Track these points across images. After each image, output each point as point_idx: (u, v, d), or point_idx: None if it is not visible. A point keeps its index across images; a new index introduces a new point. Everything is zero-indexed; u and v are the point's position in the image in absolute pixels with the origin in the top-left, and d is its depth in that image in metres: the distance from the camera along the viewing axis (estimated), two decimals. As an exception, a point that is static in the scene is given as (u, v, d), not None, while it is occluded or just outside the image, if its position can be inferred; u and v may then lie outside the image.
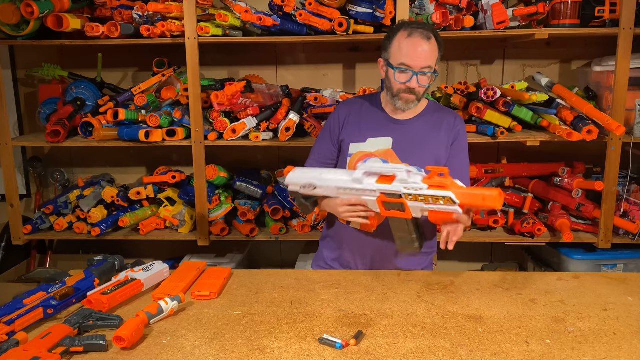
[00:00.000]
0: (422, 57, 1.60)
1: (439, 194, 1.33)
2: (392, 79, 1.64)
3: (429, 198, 1.35)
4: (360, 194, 1.47)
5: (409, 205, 1.39)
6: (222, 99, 2.37)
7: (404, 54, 1.60)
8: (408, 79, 1.61)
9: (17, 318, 1.28)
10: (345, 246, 1.80)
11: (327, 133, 1.81)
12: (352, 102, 1.84)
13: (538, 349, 1.21)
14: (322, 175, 1.55)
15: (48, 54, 2.90)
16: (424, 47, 1.60)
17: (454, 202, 1.31)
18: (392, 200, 1.41)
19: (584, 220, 2.60)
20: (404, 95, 1.65)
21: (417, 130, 1.72)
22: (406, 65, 1.60)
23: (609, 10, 2.35)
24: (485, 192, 1.29)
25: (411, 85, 1.62)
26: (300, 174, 1.59)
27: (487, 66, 2.85)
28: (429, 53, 1.60)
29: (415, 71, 1.60)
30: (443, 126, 1.72)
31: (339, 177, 1.51)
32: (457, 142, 1.73)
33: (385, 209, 1.44)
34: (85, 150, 3.00)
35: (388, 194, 1.41)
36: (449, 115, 1.76)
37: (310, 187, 1.55)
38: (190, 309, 1.42)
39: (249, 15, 2.34)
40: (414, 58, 1.60)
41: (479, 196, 1.29)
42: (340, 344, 1.21)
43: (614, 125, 2.24)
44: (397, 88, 1.65)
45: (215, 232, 2.63)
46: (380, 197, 1.43)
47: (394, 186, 1.39)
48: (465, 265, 3.10)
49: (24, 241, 2.73)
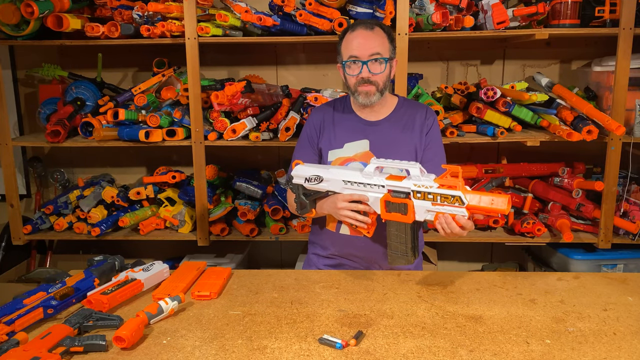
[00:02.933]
0: (367, 45, 1.63)
1: (448, 193, 1.33)
2: (346, 75, 1.67)
3: (437, 196, 1.35)
4: (367, 190, 1.47)
5: (415, 205, 1.38)
6: (222, 99, 2.37)
7: (351, 47, 1.65)
8: (359, 70, 1.64)
9: (17, 318, 1.27)
10: (334, 250, 1.80)
11: (305, 142, 1.81)
12: (324, 108, 1.84)
13: (538, 349, 1.21)
14: (329, 169, 1.56)
15: (48, 54, 2.90)
16: (367, 35, 1.64)
17: (462, 202, 1.31)
18: (396, 201, 1.41)
19: (584, 220, 2.60)
20: (361, 88, 1.66)
21: (391, 130, 1.73)
22: (354, 56, 1.64)
23: (609, 10, 2.35)
24: (494, 196, 1.29)
25: (363, 75, 1.64)
26: (307, 167, 1.60)
27: (487, 66, 2.85)
28: (373, 40, 1.64)
29: (363, 60, 1.63)
30: (416, 122, 1.74)
31: (348, 171, 1.52)
32: (430, 133, 1.74)
33: (387, 210, 1.43)
34: (85, 150, 3.00)
35: (393, 194, 1.41)
36: (420, 110, 1.77)
37: (316, 180, 1.56)
38: (190, 309, 1.42)
39: (249, 16, 2.34)
40: (359, 47, 1.63)
41: (487, 199, 1.29)
42: (340, 344, 1.21)
43: (614, 125, 2.24)
44: (353, 82, 1.67)
45: (215, 232, 2.63)
46: (386, 196, 1.43)
47: (404, 183, 1.40)
48: (465, 265, 3.10)
49: (24, 241, 2.73)
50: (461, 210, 1.33)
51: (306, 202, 1.63)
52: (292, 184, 1.63)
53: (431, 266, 2.66)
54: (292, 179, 1.63)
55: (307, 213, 1.63)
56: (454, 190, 1.33)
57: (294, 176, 1.62)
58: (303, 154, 1.80)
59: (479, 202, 1.30)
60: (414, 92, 2.56)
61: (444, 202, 1.34)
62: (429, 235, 2.59)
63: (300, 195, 1.63)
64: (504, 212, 1.28)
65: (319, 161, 1.80)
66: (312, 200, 1.64)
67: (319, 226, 1.82)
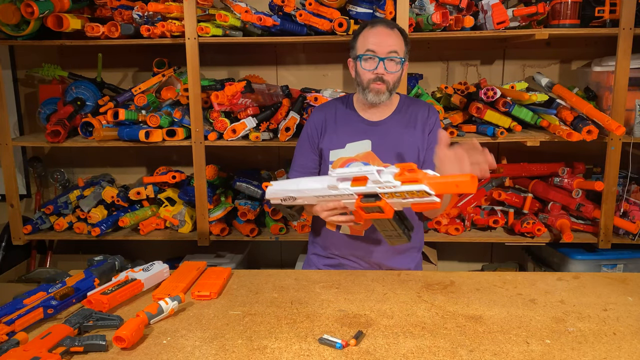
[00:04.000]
0: (387, 42, 1.63)
1: (413, 188, 1.30)
2: (360, 69, 1.67)
3: (405, 194, 1.34)
4: (339, 199, 1.45)
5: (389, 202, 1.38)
6: (222, 99, 2.37)
7: (369, 42, 1.64)
8: (375, 65, 1.64)
9: (17, 318, 1.27)
10: (334, 250, 1.80)
11: (306, 142, 1.80)
12: (325, 107, 1.83)
13: (538, 349, 1.21)
14: (299, 186, 1.52)
15: (48, 54, 2.90)
16: (388, 33, 1.64)
17: (429, 193, 1.31)
18: (369, 205, 1.39)
19: (584, 220, 2.60)
20: (374, 86, 1.66)
21: (394, 130, 1.72)
22: (372, 50, 1.63)
23: (609, 10, 2.35)
24: (457, 179, 1.25)
25: (379, 71, 1.63)
26: (278, 187, 1.56)
27: (487, 66, 2.85)
28: (393, 38, 1.64)
29: (381, 57, 1.63)
30: (418, 121, 1.74)
31: (315, 186, 1.48)
32: (433, 133, 1.74)
33: (365, 212, 1.43)
34: (85, 150, 3.00)
35: (364, 199, 1.39)
36: (422, 108, 1.77)
37: (290, 199, 1.54)
38: (190, 309, 1.42)
39: (249, 16, 2.34)
40: (379, 43, 1.63)
41: (451, 184, 1.26)
42: (340, 344, 1.21)
43: (614, 125, 2.24)
44: (367, 78, 1.66)
45: (215, 232, 2.63)
46: (357, 202, 1.40)
47: (368, 187, 1.37)
48: (465, 265, 3.10)
49: (24, 241, 2.73)
50: (431, 199, 1.31)
51: (293, 213, 1.63)
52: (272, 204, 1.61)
53: (431, 266, 2.66)
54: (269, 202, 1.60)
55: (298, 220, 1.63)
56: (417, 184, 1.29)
57: (269, 199, 1.58)
58: (303, 154, 1.79)
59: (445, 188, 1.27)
60: (413, 92, 2.57)
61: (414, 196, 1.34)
62: (429, 235, 2.59)
63: (285, 210, 1.63)
64: (470, 189, 1.23)
65: (319, 161, 1.80)
66: (298, 210, 1.65)
67: (319, 226, 1.82)
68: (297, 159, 1.81)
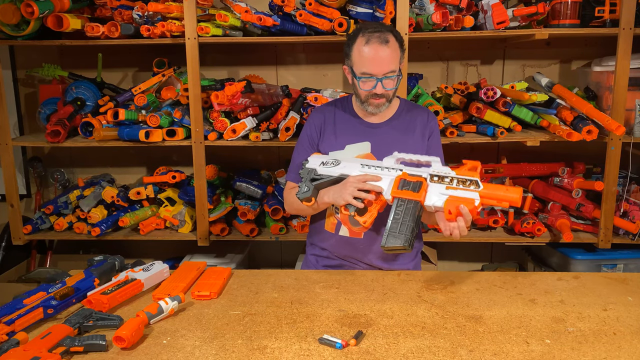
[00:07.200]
0: (383, 63, 1.59)
1: (466, 177, 1.39)
2: (358, 87, 1.66)
3: (454, 180, 1.40)
4: (383, 173, 1.50)
5: (429, 188, 1.42)
6: (222, 99, 2.37)
7: (365, 63, 1.60)
8: (373, 85, 1.62)
9: (17, 318, 1.27)
10: (332, 251, 1.80)
11: (305, 143, 1.80)
12: (325, 108, 1.83)
13: (538, 349, 1.21)
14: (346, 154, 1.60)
15: (48, 54, 2.90)
16: (384, 52, 1.59)
17: (478, 185, 1.36)
18: (412, 179, 1.45)
19: (584, 220, 2.60)
20: (372, 101, 1.66)
21: (393, 133, 1.73)
22: (368, 73, 1.61)
23: (609, 10, 2.35)
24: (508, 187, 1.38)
25: (377, 91, 1.62)
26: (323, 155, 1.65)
27: (487, 66, 2.85)
28: (389, 57, 1.60)
29: (378, 77, 1.61)
30: (417, 125, 1.74)
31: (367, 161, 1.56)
32: (432, 138, 1.75)
33: (399, 187, 1.45)
34: (85, 150, 3.00)
35: (410, 174, 1.46)
36: (422, 113, 1.78)
37: (333, 164, 1.58)
38: (190, 309, 1.42)
39: (249, 15, 2.34)
40: (375, 65, 1.60)
41: (501, 187, 1.37)
42: (340, 344, 1.21)
43: (614, 125, 2.24)
44: (365, 95, 1.66)
45: (215, 232, 2.63)
46: (403, 174, 1.47)
47: (420, 170, 1.45)
48: (465, 265, 3.10)
49: (24, 241, 2.73)
50: (474, 195, 1.34)
51: (310, 185, 1.60)
52: (304, 169, 1.63)
53: (431, 266, 2.66)
54: (306, 164, 1.63)
55: (306, 198, 1.60)
56: (471, 176, 1.39)
57: (309, 161, 1.63)
58: (303, 154, 1.79)
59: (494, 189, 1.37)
60: (414, 92, 2.56)
61: (459, 186, 1.38)
62: (428, 235, 2.59)
63: (307, 180, 1.61)
64: (517, 202, 1.33)
65: None
66: (316, 188, 1.62)
67: (318, 227, 1.82)
68: (297, 159, 1.81)
